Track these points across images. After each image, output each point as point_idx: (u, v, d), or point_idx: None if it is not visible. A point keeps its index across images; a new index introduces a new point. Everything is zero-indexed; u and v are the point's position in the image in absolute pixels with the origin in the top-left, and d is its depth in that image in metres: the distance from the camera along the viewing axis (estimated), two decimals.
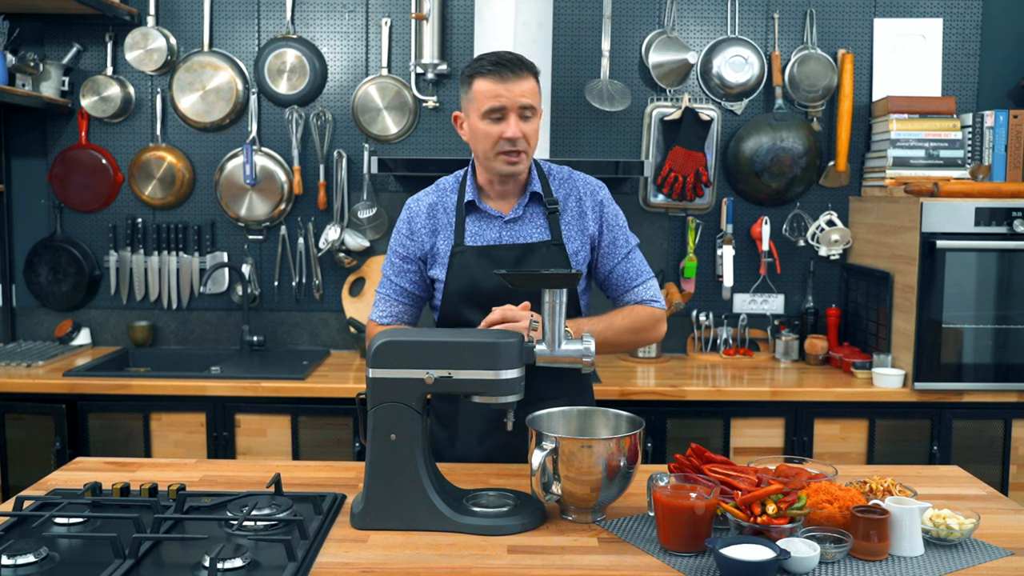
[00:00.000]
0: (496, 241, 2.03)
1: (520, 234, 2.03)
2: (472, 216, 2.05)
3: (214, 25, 3.47)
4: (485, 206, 2.04)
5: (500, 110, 1.93)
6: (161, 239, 3.51)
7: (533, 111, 1.95)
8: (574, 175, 2.10)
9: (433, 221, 2.05)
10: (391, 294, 2.10)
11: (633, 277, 2.08)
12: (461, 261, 2.01)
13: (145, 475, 1.94)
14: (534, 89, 1.96)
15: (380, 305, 2.11)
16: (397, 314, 2.10)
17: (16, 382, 2.96)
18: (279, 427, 2.98)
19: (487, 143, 1.95)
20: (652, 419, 2.92)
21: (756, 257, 3.53)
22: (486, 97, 1.93)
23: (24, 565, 1.44)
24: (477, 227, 2.04)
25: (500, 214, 2.04)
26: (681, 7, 3.49)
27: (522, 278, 1.75)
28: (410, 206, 2.09)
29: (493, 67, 1.93)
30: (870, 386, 3.03)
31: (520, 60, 1.95)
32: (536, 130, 1.98)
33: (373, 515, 1.65)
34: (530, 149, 1.97)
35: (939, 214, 2.92)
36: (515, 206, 2.05)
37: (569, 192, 2.07)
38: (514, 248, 2.02)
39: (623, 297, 2.10)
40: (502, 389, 1.66)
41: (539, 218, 2.05)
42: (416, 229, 2.06)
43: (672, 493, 1.57)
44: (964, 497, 1.87)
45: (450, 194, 2.08)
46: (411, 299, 2.10)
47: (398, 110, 3.44)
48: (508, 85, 1.92)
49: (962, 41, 3.49)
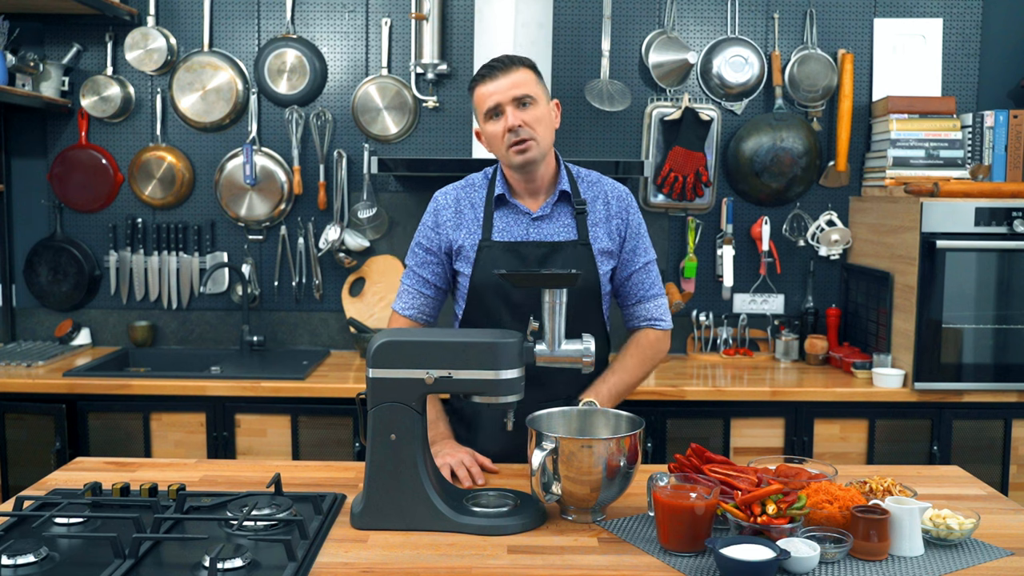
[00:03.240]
0: (524, 237, 2.05)
1: (547, 232, 2.05)
2: (500, 211, 2.07)
3: (214, 25, 3.47)
4: (515, 202, 2.07)
5: (496, 107, 1.96)
6: (161, 239, 3.51)
7: (532, 99, 1.97)
8: (603, 179, 2.13)
9: (459, 215, 2.08)
10: (414, 286, 2.12)
11: (647, 289, 2.12)
12: (488, 255, 2.03)
13: (145, 475, 1.94)
14: (528, 79, 1.97)
15: (403, 297, 2.14)
16: (419, 306, 2.13)
17: (16, 382, 2.96)
18: (279, 427, 2.98)
19: (497, 142, 1.99)
20: (652, 419, 2.92)
21: (756, 257, 3.53)
22: (483, 100, 1.98)
23: (24, 565, 1.44)
24: (505, 223, 2.06)
25: (528, 211, 2.06)
26: (681, 7, 3.49)
27: (522, 278, 1.75)
28: (437, 198, 2.12)
29: (484, 71, 1.98)
30: (870, 386, 3.03)
31: (510, 57, 1.99)
32: (540, 118, 1.98)
33: (373, 515, 1.65)
34: (538, 135, 1.97)
35: (939, 214, 2.92)
36: (543, 204, 2.07)
37: (597, 195, 2.10)
38: (541, 245, 2.03)
39: (633, 308, 2.14)
40: (502, 389, 1.66)
41: (567, 217, 2.07)
42: (442, 222, 2.08)
43: (672, 493, 1.57)
44: (964, 497, 1.87)
45: (478, 189, 2.10)
46: (434, 291, 2.13)
47: (398, 110, 3.44)
48: (498, 81, 1.96)
49: (962, 41, 3.49)
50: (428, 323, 2.15)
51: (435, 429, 2.05)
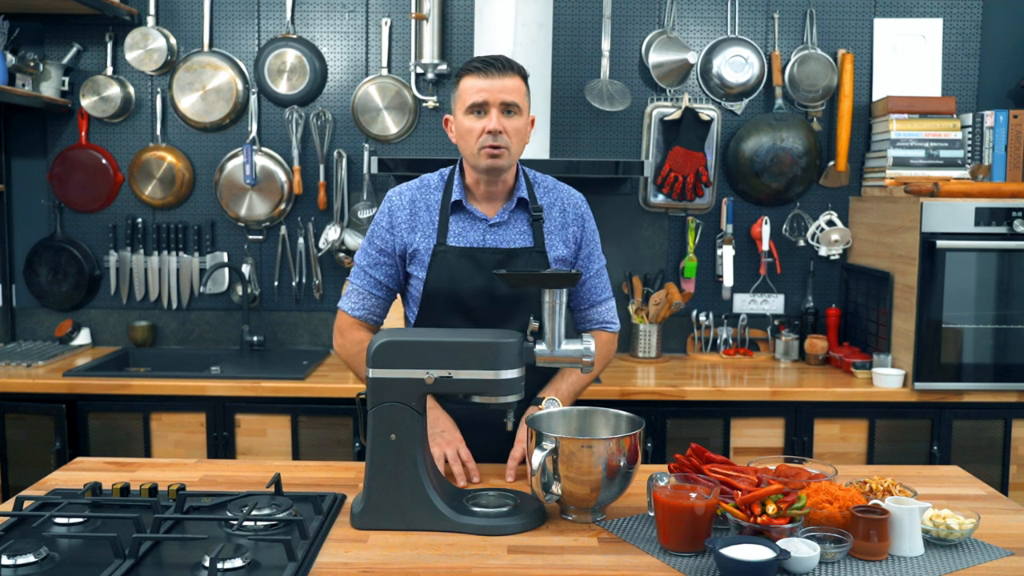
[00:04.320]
0: (480, 243, 2.03)
1: (503, 238, 2.04)
2: (456, 216, 2.05)
3: (214, 25, 3.47)
4: (471, 207, 2.05)
5: (483, 105, 1.94)
6: (161, 239, 3.51)
7: (518, 109, 1.96)
8: (559, 185, 2.13)
9: (413, 217, 2.05)
10: (365, 287, 2.08)
11: (598, 294, 2.16)
12: (443, 260, 2.01)
13: (145, 475, 1.94)
14: (519, 88, 1.97)
15: (353, 297, 2.10)
16: (370, 307, 2.09)
17: (16, 382, 2.95)
18: (279, 427, 2.98)
19: (470, 138, 1.96)
20: (652, 419, 2.92)
21: (756, 257, 3.53)
22: (470, 93, 1.96)
23: (24, 565, 1.44)
24: (460, 227, 2.04)
25: (485, 217, 2.04)
26: (681, 7, 3.49)
27: (521, 278, 1.75)
28: (391, 198, 2.08)
29: (480, 64, 1.96)
30: (870, 386, 3.03)
31: (508, 61, 1.98)
32: (519, 130, 1.98)
33: (373, 515, 1.65)
34: (513, 147, 1.97)
35: (939, 214, 2.92)
36: (500, 210, 2.05)
37: (553, 201, 2.10)
38: (497, 252, 2.02)
39: (586, 312, 2.16)
40: (502, 389, 1.66)
41: (523, 224, 2.06)
42: (396, 223, 2.05)
43: (672, 493, 1.57)
44: (964, 497, 1.87)
45: (434, 191, 2.08)
46: (385, 292, 2.09)
47: (398, 110, 3.44)
48: (492, 81, 1.94)
49: (962, 41, 3.49)
50: (376, 324, 2.12)
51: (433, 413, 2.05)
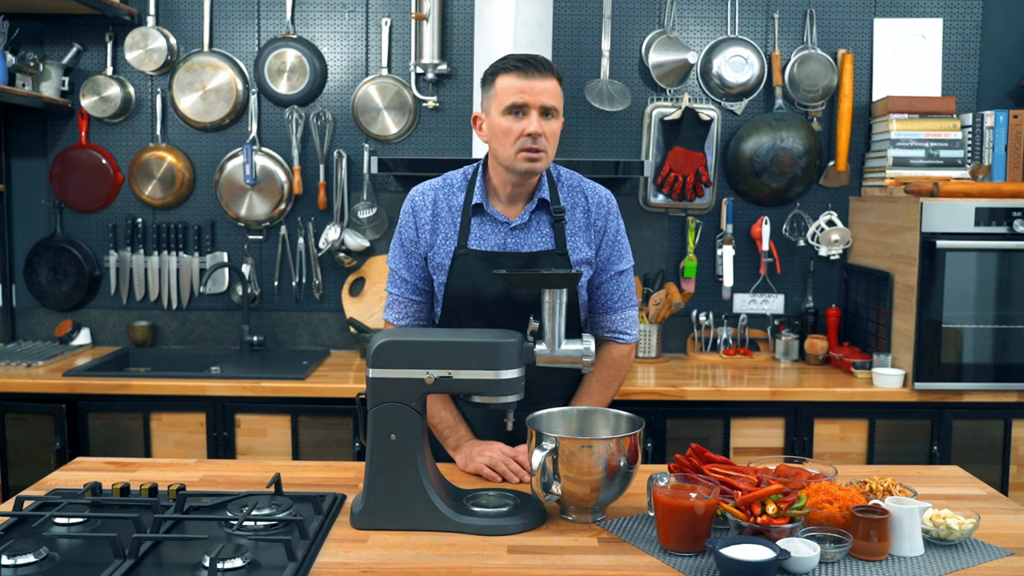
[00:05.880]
0: (500, 247, 1.99)
1: (525, 242, 2.00)
2: (477, 218, 2.01)
3: (214, 25, 3.47)
4: (492, 210, 2.00)
5: (523, 106, 1.89)
6: (161, 239, 3.51)
7: (556, 112, 1.92)
8: (584, 183, 2.06)
9: (436, 217, 2.01)
10: (404, 294, 2.05)
11: (617, 300, 2.06)
12: (464, 264, 1.98)
13: (145, 475, 1.94)
14: (557, 91, 1.93)
15: (395, 308, 2.06)
16: (413, 313, 2.06)
17: (16, 382, 2.95)
18: (279, 427, 2.98)
19: (508, 139, 1.90)
20: (652, 419, 2.92)
21: (756, 257, 3.53)
22: (509, 93, 1.89)
23: (24, 565, 1.44)
24: (482, 231, 2.00)
25: (506, 220, 1.99)
26: (681, 7, 3.49)
27: (522, 278, 1.75)
28: (414, 197, 2.04)
29: (519, 64, 1.90)
30: (870, 386, 3.03)
31: (546, 61, 1.93)
32: (556, 132, 1.94)
33: (373, 515, 1.65)
34: (550, 150, 1.93)
35: (939, 214, 2.92)
36: (522, 212, 2.00)
37: (577, 201, 2.03)
38: (518, 256, 1.98)
39: (601, 318, 2.08)
40: (502, 389, 1.66)
41: (544, 226, 2.01)
42: (420, 224, 2.01)
43: (672, 493, 1.57)
44: (964, 497, 1.87)
45: (457, 192, 2.03)
46: (424, 296, 2.06)
47: (398, 110, 3.44)
48: (532, 82, 1.89)
49: (962, 41, 3.49)
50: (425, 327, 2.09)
51: (456, 433, 2.03)
